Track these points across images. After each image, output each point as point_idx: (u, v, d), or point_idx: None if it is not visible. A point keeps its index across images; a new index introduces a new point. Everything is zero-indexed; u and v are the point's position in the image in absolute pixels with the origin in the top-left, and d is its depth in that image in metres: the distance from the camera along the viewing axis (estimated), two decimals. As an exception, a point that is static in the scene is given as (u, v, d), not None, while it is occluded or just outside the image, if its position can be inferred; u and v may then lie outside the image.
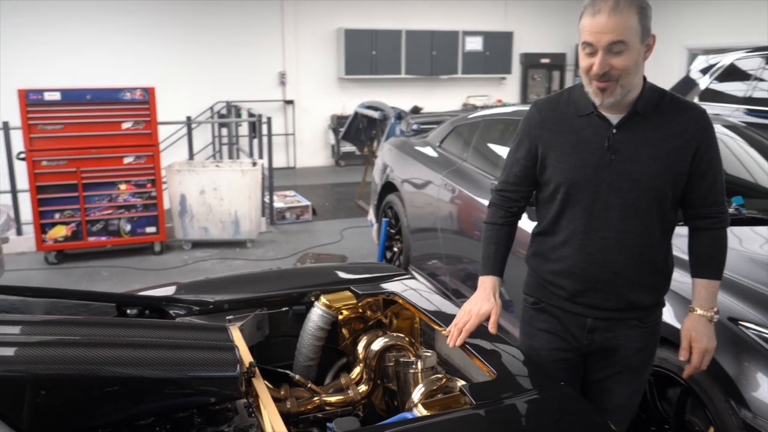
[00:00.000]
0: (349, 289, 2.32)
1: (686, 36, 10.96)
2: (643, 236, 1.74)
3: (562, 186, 1.77)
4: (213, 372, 1.62)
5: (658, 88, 1.76)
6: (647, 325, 1.83)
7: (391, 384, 2.16)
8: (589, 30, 1.61)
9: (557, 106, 1.83)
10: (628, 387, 1.88)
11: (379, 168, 5.24)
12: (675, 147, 1.70)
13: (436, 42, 11.25)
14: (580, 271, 1.79)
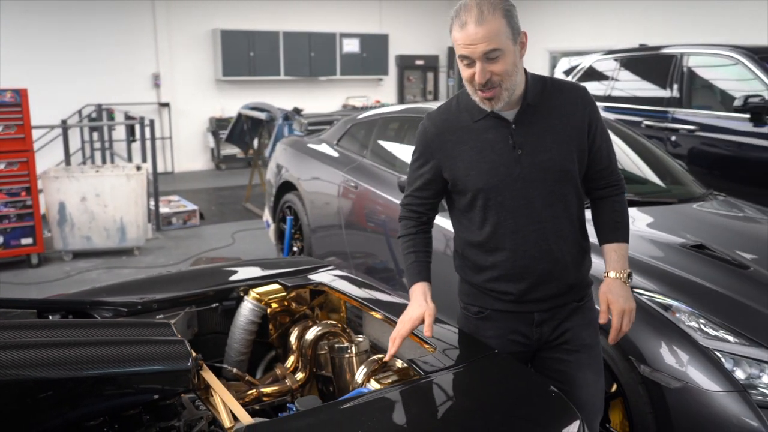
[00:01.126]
0: (277, 281, 2.36)
1: (548, 40, 11.78)
2: (566, 218, 1.77)
3: (480, 192, 1.75)
4: (165, 366, 1.61)
5: (538, 77, 1.80)
6: (583, 302, 1.87)
7: (324, 371, 2.23)
8: (462, 43, 1.62)
9: (450, 116, 1.81)
10: (590, 371, 1.86)
11: (274, 169, 5.25)
12: (572, 127, 1.75)
13: (314, 43, 11.32)
14: (520, 270, 1.77)
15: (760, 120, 5.17)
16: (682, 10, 9.36)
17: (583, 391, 1.84)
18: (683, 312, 2.18)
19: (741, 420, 1.94)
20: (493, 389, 1.59)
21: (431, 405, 1.51)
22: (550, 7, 11.62)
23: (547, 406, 1.53)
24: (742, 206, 3.26)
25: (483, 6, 1.59)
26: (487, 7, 1.59)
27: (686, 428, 2.00)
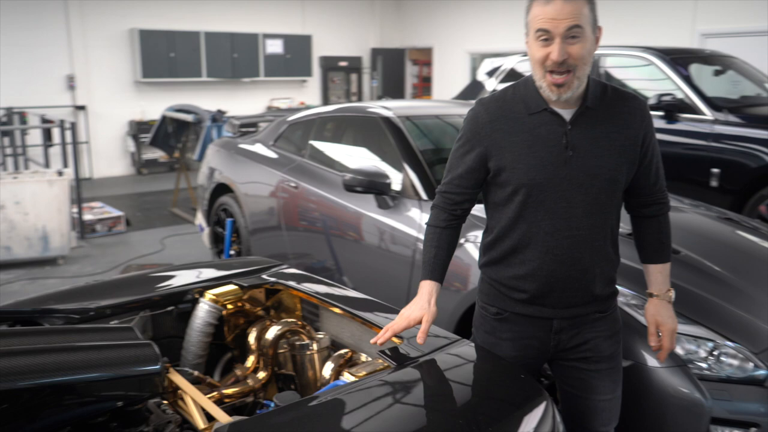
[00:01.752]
0: (232, 282, 2.34)
1: (467, 41, 12.08)
2: (605, 229, 1.74)
3: (522, 188, 1.70)
4: (135, 369, 1.58)
5: (599, 81, 1.76)
6: (608, 313, 1.84)
7: (285, 370, 2.23)
8: (544, 17, 1.58)
9: (505, 105, 1.75)
10: (609, 379, 1.85)
11: (206, 171, 5.16)
12: (626, 138, 1.70)
13: (236, 44, 11.14)
14: (546, 273, 1.73)
15: (672, 117, 5.51)
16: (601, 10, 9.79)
17: (600, 398, 1.83)
18: (626, 295, 2.31)
19: (683, 392, 2.08)
20: (465, 374, 1.65)
21: (408, 393, 1.55)
22: (468, 9, 11.92)
23: (517, 388, 1.60)
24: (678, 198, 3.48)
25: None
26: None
27: (635, 402, 2.12)
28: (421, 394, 1.55)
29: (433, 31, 12.81)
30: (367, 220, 3.39)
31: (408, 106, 3.99)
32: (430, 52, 13.08)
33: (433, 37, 12.83)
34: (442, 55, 12.71)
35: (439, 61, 12.81)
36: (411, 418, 1.46)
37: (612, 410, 1.87)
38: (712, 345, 2.18)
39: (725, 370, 2.16)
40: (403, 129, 3.53)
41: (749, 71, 6.23)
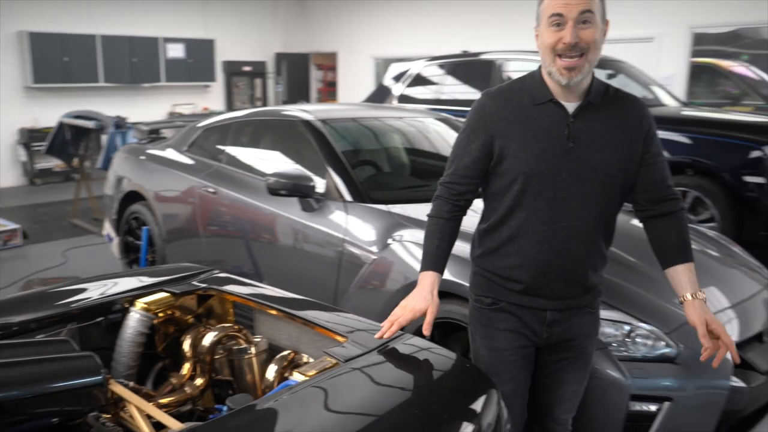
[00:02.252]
0: (162, 290, 2.28)
1: (372, 47, 12.23)
2: (600, 223, 1.78)
3: (522, 176, 1.74)
4: (77, 381, 1.53)
5: (603, 81, 1.82)
6: (594, 311, 1.92)
7: (221, 376, 2.20)
8: (558, 2, 1.64)
9: (511, 95, 1.79)
10: (581, 374, 1.95)
11: (113, 180, 4.96)
12: (627, 135, 1.75)
13: (135, 48, 10.74)
14: (541, 263, 1.77)
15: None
16: (499, 18, 10.20)
17: (568, 389, 1.93)
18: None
19: (605, 373, 2.23)
20: (413, 366, 1.70)
21: (361, 387, 1.58)
22: (373, 15, 12.08)
23: (465, 377, 1.67)
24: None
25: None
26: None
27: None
28: (373, 387, 1.59)
29: (338, 36, 12.87)
30: (291, 224, 3.38)
31: (325, 109, 4.01)
32: (334, 57, 13.14)
33: (338, 42, 12.90)
34: (347, 59, 12.80)
35: (344, 65, 12.89)
36: (369, 410, 1.50)
37: (574, 400, 1.97)
38: (628, 328, 2.35)
39: (641, 350, 2.33)
40: (324, 132, 3.55)
41: (637, 75, 6.69)
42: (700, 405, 2.32)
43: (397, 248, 2.94)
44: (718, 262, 3.02)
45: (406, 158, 3.95)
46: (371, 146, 3.90)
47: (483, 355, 1.92)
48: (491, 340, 1.89)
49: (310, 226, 3.29)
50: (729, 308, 2.60)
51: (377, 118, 4.13)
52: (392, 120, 4.13)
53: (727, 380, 2.33)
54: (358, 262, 3.05)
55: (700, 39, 8.64)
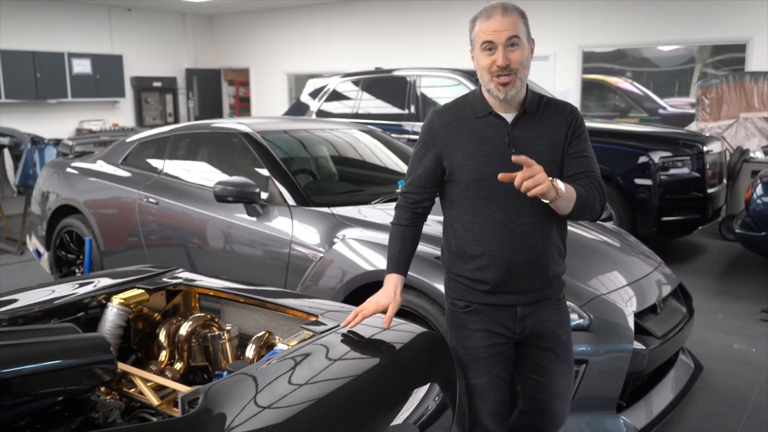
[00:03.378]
0: (136, 286, 2.46)
1: (284, 63, 12.46)
2: (549, 217, 1.93)
3: (472, 182, 1.92)
4: (90, 357, 1.71)
5: (537, 93, 2.01)
6: (560, 302, 2.08)
7: (196, 362, 2.40)
8: (486, 30, 1.85)
9: (456, 111, 2.00)
10: (566, 365, 2.09)
11: (40, 196, 4.96)
12: (558, 136, 1.95)
13: (39, 63, 10.46)
14: (506, 260, 1.93)
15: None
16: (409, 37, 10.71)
17: (559, 382, 2.08)
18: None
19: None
20: (380, 334, 1.99)
21: (341, 351, 1.86)
22: (284, 31, 12.33)
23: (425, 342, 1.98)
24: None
25: (507, 5, 1.87)
26: (510, 6, 1.88)
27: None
28: (351, 351, 1.87)
29: (250, 52, 13.02)
30: (237, 229, 3.59)
31: (258, 122, 4.24)
32: (246, 73, 13.26)
33: (250, 58, 13.04)
34: (260, 75, 12.96)
35: (257, 81, 13.05)
36: (346, 370, 1.77)
37: (568, 393, 2.14)
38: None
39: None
40: (264, 143, 3.79)
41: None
42: (609, 367, 2.74)
43: (341, 246, 3.23)
44: (617, 250, 3.50)
45: (337, 166, 4.25)
46: (305, 155, 4.17)
47: (459, 353, 2.07)
48: (465, 340, 2.03)
49: (257, 230, 3.51)
50: (628, 285, 3.05)
51: (307, 130, 4.41)
52: (321, 132, 4.42)
53: (630, 344, 2.77)
54: (305, 262, 3.31)
55: (589, 57, 9.50)
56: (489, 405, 2.04)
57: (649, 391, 3.05)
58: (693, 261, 6.09)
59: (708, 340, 4.19)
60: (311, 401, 1.59)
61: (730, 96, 7.46)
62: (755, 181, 5.35)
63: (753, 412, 3.29)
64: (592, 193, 1.92)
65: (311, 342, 1.90)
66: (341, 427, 1.55)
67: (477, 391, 2.04)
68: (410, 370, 1.83)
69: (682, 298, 3.46)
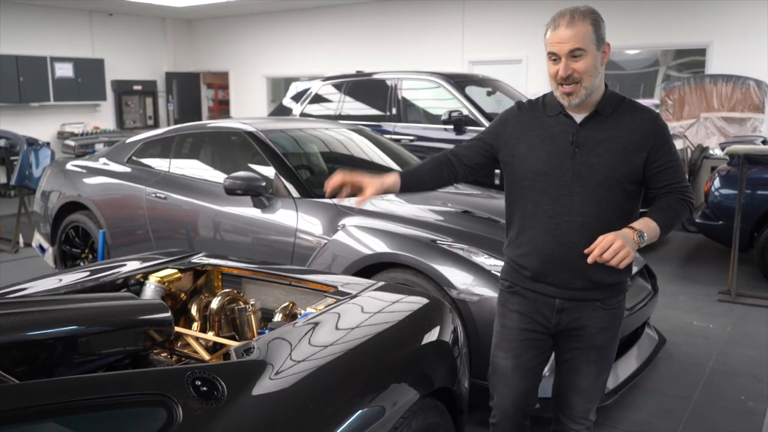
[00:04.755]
0: (168, 266, 2.76)
1: (264, 66, 12.73)
2: (603, 221, 1.93)
3: (530, 173, 1.99)
4: (154, 317, 2.02)
5: (618, 95, 2.00)
6: (609, 308, 2.05)
7: (224, 333, 2.71)
8: (551, 41, 1.89)
9: (532, 106, 2.08)
10: (595, 366, 2.08)
11: (44, 193, 5.20)
12: (630, 143, 1.93)
13: (22, 67, 10.58)
14: (547, 252, 1.99)
15: (460, 130, 6.70)
16: (385, 39, 11.06)
17: (584, 380, 2.09)
18: (472, 252, 3.17)
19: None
20: (393, 298, 2.33)
21: (360, 313, 2.19)
22: (263, 35, 12.59)
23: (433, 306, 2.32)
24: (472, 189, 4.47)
25: (575, 13, 1.87)
26: (579, 14, 1.87)
27: (485, 327, 2.94)
28: (372, 313, 2.20)
29: (229, 55, 13.25)
30: (245, 221, 3.90)
31: (258, 122, 4.55)
32: (226, 76, 13.49)
33: (229, 62, 13.28)
34: (239, 78, 13.21)
35: (236, 84, 13.29)
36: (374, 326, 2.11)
37: (595, 391, 2.12)
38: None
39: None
40: (267, 140, 4.11)
41: (511, 91, 7.71)
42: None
43: (341, 235, 3.56)
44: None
45: (332, 161, 4.58)
46: (302, 152, 4.50)
47: (496, 330, 2.17)
48: (503, 318, 2.14)
49: (264, 221, 3.83)
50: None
51: (301, 129, 4.74)
52: (314, 131, 4.75)
53: (602, 314, 3.15)
54: (309, 250, 3.63)
55: (560, 61, 9.95)
56: (511, 391, 2.13)
57: (617, 360, 3.44)
58: (658, 251, 6.56)
59: (670, 318, 4.62)
60: (341, 352, 1.92)
61: (692, 97, 7.97)
62: (713, 175, 5.83)
63: (709, 377, 3.71)
64: (675, 210, 1.93)
65: (337, 305, 2.24)
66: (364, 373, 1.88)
67: (501, 373, 2.14)
68: (423, 327, 2.18)
69: (648, 278, 3.87)
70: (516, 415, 2.16)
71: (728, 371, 3.78)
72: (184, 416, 1.44)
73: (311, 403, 1.67)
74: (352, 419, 1.71)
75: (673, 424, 3.20)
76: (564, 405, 2.18)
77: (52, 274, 2.85)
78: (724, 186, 5.56)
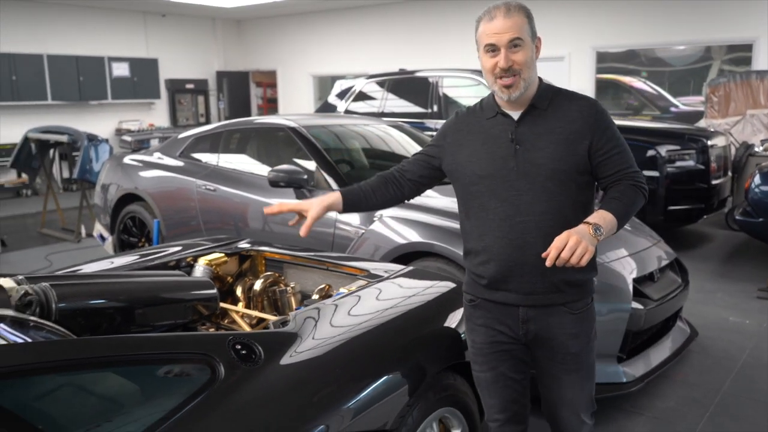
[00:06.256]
0: (216, 251, 2.99)
1: (310, 64, 13.02)
2: (558, 217, 1.86)
3: (477, 178, 1.93)
4: (202, 292, 2.24)
5: (553, 86, 1.96)
6: (577, 312, 1.94)
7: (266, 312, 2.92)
8: (489, 33, 1.84)
9: (470, 113, 2.04)
10: (576, 375, 1.98)
11: (104, 186, 5.54)
12: (571, 132, 1.87)
13: (82, 67, 11.12)
14: (504, 257, 1.89)
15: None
16: (431, 38, 11.20)
17: (568, 391, 2.00)
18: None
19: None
20: (417, 281, 2.50)
21: (389, 294, 2.37)
22: (310, 34, 12.88)
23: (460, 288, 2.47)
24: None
25: (510, 5, 1.85)
26: (513, 6, 1.85)
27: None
28: (399, 294, 2.38)
29: (277, 54, 13.60)
30: (287, 211, 4.11)
31: (301, 118, 4.76)
32: (274, 75, 13.84)
33: (277, 60, 13.62)
34: (286, 77, 13.54)
35: (284, 82, 13.63)
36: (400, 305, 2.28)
37: (582, 400, 2.03)
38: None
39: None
40: (309, 136, 4.32)
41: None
42: (610, 323, 3.21)
43: (378, 225, 3.74)
44: (623, 230, 3.97)
45: (371, 155, 4.77)
46: (342, 146, 4.69)
47: (468, 345, 2.09)
48: (471, 333, 2.04)
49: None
50: (628, 256, 3.53)
51: (342, 125, 4.93)
52: (354, 126, 4.94)
53: (628, 304, 3.24)
54: (347, 240, 3.82)
55: (602, 57, 9.93)
56: (496, 401, 2.04)
57: (648, 348, 3.52)
58: (699, 248, 6.52)
59: (706, 313, 4.64)
60: (368, 326, 2.09)
61: (737, 94, 7.86)
62: (754, 172, 5.78)
63: (741, 370, 3.74)
64: (629, 197, 1.86)
65: (367, 286, 2.42)
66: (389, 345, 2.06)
67: (483, 385, 2.06)
68: (448, 307, 2.34)
69: (679, 271, 3.93)
70: (508, 424, 2.06)
71: (761, 365, 3.80)
72: (225, 374, 1.64)
73: (339, 368, 1.86)
74: (376, 384, 1.89)
75: (700, 413, 3.27)
76: (554, 420, 2.09)
77: (111, 256, 3.12)
78: (764, 183, 5.52)
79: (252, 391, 1.64)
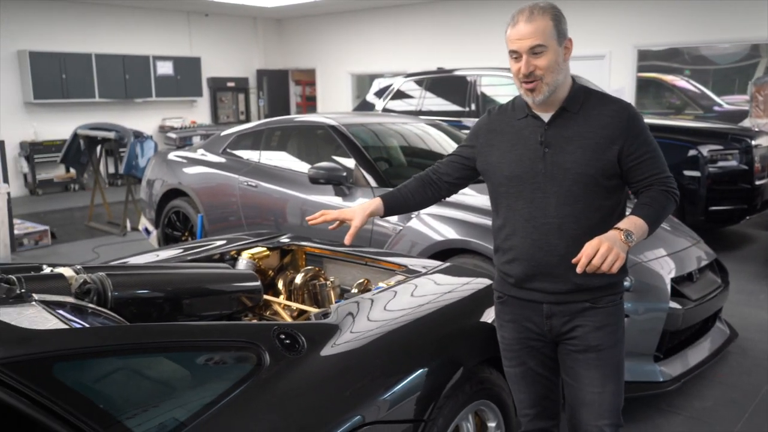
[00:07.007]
0: (258, 245, 3.09)
1: (349, 63, 13.14)
2: (581, 221, 1.87)
3: (505, 179, 1.95)
4: (248, 285, 2.34)
5: (586, 88, 1.94)
6: (601, 307, 1.93)
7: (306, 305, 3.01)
8: (512, 39, 1.84)
9: (502, 114, 2.04)
10: (597, 372, 1.94)
11: (150, 181, 5.71)
12: (601, 137, 1.85)
13: (128, 66, 11.42)
14: (528, 257, 1.92)
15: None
16: (471, 36, 11.20)
17: (587, 390, 1.95)
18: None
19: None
20: (454, 275, 2.55)
21: (426, 289, 2.43)
22: (349, 32, 13.00)
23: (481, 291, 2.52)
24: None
25: (535, 9, 1.83)
26: (538, 10, 1.83)
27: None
28: (436, 289, 2.44)
29: (316, 53, 13.76)
30: (328, 208, 4.19)
31: (340, 116, 4.85)
32: (313, 73, 14.00)
33: (316, 59, 13.77)
34: (325, 75, 13.68)
35: (323, 81, 13.77)
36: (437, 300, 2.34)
37: (603, 404, 1.95)
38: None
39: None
40: (349, 134, 4.40)
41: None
42: (647, 326, 3.21)
43: (415, 222, 3.80)
44: (661, 228, 3.95)
45: (409, 153, 4.83)
46: (381, 144, 4.76)
47: (499, 341, 2.12)
48: (501, 329, 2.09)
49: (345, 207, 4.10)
50: (667, 256, 3.51)
51: (381, 123, 5.00)
52: (392, 125, 5.00)
53: (666, 303, 3.24)
54: (385, 236, 3.89)
55: (644, 55, 9.79)
56: (525, 396, 2.07)
57: (686, 348, 3.51)
58: (741, 249, 6.41)
59: (748, 315, 4.58)
60: (405, 319, 2.16)
61: (784, 92, 7.69)
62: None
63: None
64: (660, 203, 1.86)
65: (405, 281, 2.48)
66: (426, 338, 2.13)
67: (513, 380, 2.09)
68: (483, 303, 2.39)
69: (719, 272, 3.89)
70: (538, 419, 2.09)
71: (802, 368, 3.75)
72: (270, 362, 1.72)
73: (377, 360, 1.92)
74: (413, 376, 1.95)
75: (739, 414, 3.25)
76: (576, 426, 2.02)
77: (157, 249, 3.25)
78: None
79: (294, 380, 1.72)
